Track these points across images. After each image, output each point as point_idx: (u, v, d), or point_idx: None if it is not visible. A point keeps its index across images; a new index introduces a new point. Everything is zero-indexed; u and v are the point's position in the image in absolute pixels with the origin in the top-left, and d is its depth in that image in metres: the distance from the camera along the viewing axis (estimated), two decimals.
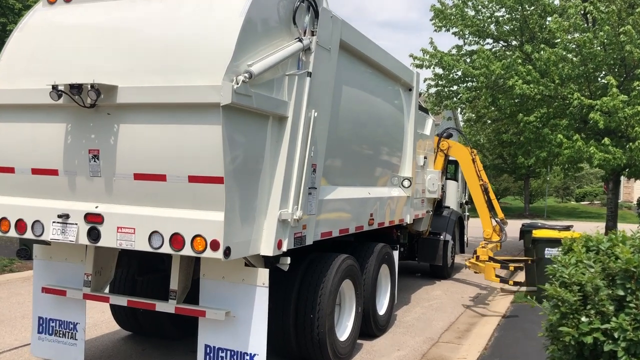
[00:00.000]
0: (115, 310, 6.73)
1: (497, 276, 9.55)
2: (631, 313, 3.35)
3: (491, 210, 10.76)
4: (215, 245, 4.35)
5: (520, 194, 39.76)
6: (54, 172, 4.98)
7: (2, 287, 9.73)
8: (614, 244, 3.61)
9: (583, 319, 3.44)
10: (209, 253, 4.38)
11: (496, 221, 10.77)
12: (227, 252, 4.37)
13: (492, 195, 10.93)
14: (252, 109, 4.56)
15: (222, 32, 4.52)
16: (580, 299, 3.47)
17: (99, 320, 7.61)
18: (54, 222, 4.93)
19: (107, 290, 5.82)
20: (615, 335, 3.34)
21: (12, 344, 6.65)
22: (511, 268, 9.61)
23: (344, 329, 6.41)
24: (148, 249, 4.59)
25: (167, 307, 5.10)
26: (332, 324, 5.92)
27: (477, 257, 9.82)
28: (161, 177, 4.55)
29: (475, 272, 10.29)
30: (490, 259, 9.70)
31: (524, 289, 10.37)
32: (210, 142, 4.30)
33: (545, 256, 9.24)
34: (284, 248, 5.01)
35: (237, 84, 4.27)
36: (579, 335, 3.44)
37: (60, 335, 5.62)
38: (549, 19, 13.53)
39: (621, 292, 3.41)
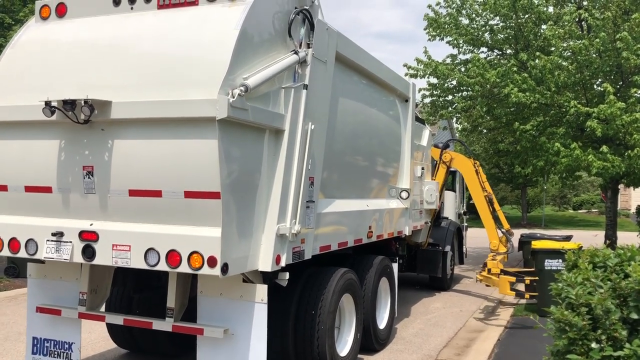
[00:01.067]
0: (112, 328, 6.60)
1: (512, 289, 9.36)
2: None
3: (496, 221, 10.67)
4: (212, 262, 4.27)
5: (517, 203, 39.70)
6: (47, 190, 4.90)
7: None
8: (623, 260, 3.44)
9: (593, 345, 3.24)
10: (206, 270, 4.30)
11: (502, 232, 10.66)
12: (224, 268, 4.29)
13: (497, 206, 10.84)
14: (248, 123, 4.50)
15: (217, 46, 4.46)
16: (589, 323, 3.27)
17: (94, 338, 7.49)
18: (47, 240, 4.85)
19: (102, 308, 5.73)
20: None
21: None
22: (527, 281, 9.35)
23: (344, 344, 6.30)
24: (144, 266, 4.50)
25: (164, 325, 5.00)
26: (332, 340, 5.82)
27: (489, 270, 9.66)
28: (157, 193, 4.47)
29: (487, 285, 10.12)
30: (503, 271, 9.57)
31: (524, 301, 10.25)
32: (206, 157, 4.23)
33: (545, 268, 9.13)
34: (283, 263, 4.92)
35: (233, 97, 4.22)
36: None
37: (55, 355, 5.51)
38: (543, 26, 13.54)
39: (635, 316, 3.20)
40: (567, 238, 10.55)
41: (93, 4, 5.21)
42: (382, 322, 7.48)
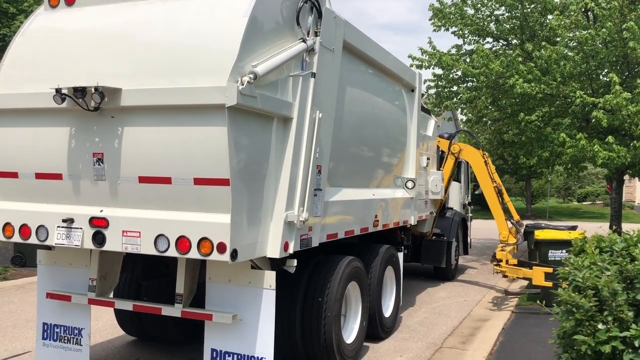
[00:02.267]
0: (120, 315, 6.68)
1: (547, 280, 8.80)
2: None
3: (506, 212, 10.67)
4: (222, 248, 4.31)
5: (522, 195, 39.67)
6: (58, 177, 4.94)
7: None
8: (629, 245, 3.48)
9: (600, 326, 3.29)
10: (215, 256, 4.34)
11: (512, 223, 10.66)
12: (234, 254, 4.33)
13: (506, 197, 10.83)
14: (257, 110, 4.53)
15: (226, 33, 4.48)
16: (596, 305, 3.32)
17: (102, 326, 7.57)
18: (58, 226, 4.89)
19: (111, 295, 5.79)
20: (636, 343, 3.20)
21: (0, 355, 6.50)
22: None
23: (351, 332, 6.36)
24: (154, 252, 4.55)
25: (173, 311, 5.05)
26: (338, 327, 5.88)
27: (499, 261, 9.63)
28: (166, 180, 4.51)
29: (505, 276, 10.07)
30: (521, 262, 9.53)
31: (531, 291, 10.27)
32: (216, 144, 4.26)
33: (549, 259, 9.06)
34: (291, 250, 4.96)
35: (242, 84, 4.24)
36: (596, 344, 3.29)
37: (65, 341, 5.58)
38: (549, 16, 13.50)
39: None
40: (573, 228, 10.54)
41: None
42: (387, 311, 7.54)
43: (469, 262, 14.56)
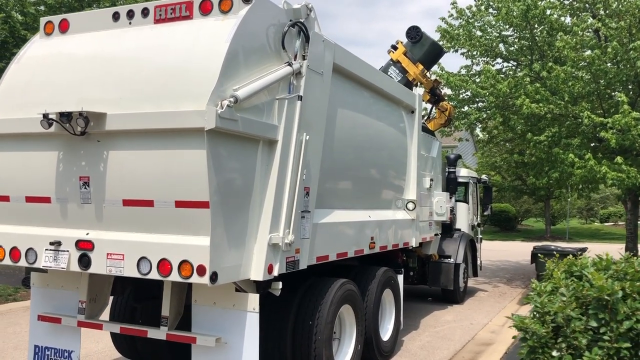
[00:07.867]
0: (115, 337, 6.68)
1: None
2: (604, 347, 3.03)
3: None
4: (201, 271, 4.32)
5: (541, 216, 39.05)
6: (46, 200, 5.02)
7: (3, 316, 9.72)
8: (599, 269, 3.39)
9: (554, 353, 3.20)
10: (195, 278, 4.35)
11: None
12: (213, 277, 4.33)
13: None
14: (238, 133, 4.56)
15: (207, 58, 4.54)
16: (552, 331, 3.22)
17: (101, 348, 7.59)
18: (46, 249, 4.96)
19: (106, 317, 5.81)
20: None
21: None
22: None
23: (345, 355, 6.28)
24: (137, 275, 4.58)
25: (158, 333, 5.06)
26: (329, 350, 5.81)
27: None
28: (149, 203, 4.55)
29: None
30: None
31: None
32: (195, 167, 4.30)
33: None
34: (275, 272, 4.95)
35: (222, 108, 4.28)
36: None
37: None
38: (558, 36, 13.42)
39: (594, 324, 3.14)
40: (582, 250, 10.35)
41: (94, 20, 5.37)
42: (385, 334, 7.44)
43: (481, 284, 14.34)
